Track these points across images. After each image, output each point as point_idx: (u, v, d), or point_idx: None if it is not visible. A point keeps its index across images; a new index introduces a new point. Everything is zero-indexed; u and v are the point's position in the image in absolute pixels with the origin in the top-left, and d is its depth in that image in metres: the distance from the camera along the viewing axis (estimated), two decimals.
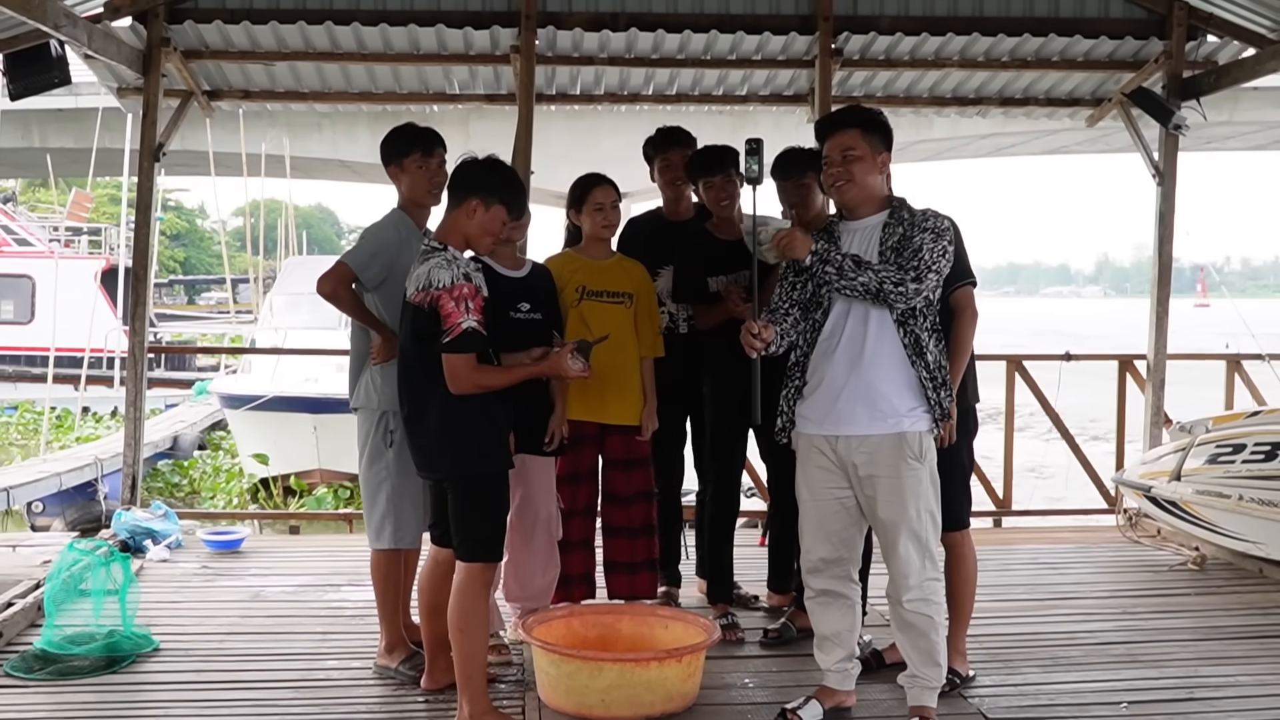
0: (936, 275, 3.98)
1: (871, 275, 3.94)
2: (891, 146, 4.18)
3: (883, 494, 4.04)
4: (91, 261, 23.15)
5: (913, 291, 3.94)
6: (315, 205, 75.25)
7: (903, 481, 4.01)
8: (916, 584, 4.04)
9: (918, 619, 4.07)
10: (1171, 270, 7.82)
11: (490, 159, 4.20)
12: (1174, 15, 7.33)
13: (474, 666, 4.11)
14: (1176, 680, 4.68)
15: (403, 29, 7.06)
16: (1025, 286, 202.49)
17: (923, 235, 4.00)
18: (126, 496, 7.09)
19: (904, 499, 4.01)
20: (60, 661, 4.70)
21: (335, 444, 13.75)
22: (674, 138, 5.47)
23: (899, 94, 8.14)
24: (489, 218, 4.09)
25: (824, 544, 4.20)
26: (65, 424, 18.47)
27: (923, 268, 3.94)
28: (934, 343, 4.06)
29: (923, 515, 4.03)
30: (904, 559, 4.03)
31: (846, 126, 4.15)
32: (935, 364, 4.05)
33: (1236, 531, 6.30)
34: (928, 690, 4.13)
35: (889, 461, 4.01)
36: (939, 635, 4.09)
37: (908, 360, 4.01)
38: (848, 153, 4.10)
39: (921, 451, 4.02)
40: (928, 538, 4.05)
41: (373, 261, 4.57)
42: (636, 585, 5.19)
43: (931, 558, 4.07)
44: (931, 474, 4.06)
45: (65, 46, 6.46)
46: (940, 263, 3.98)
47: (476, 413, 4.03)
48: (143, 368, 7.22)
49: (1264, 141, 24.96)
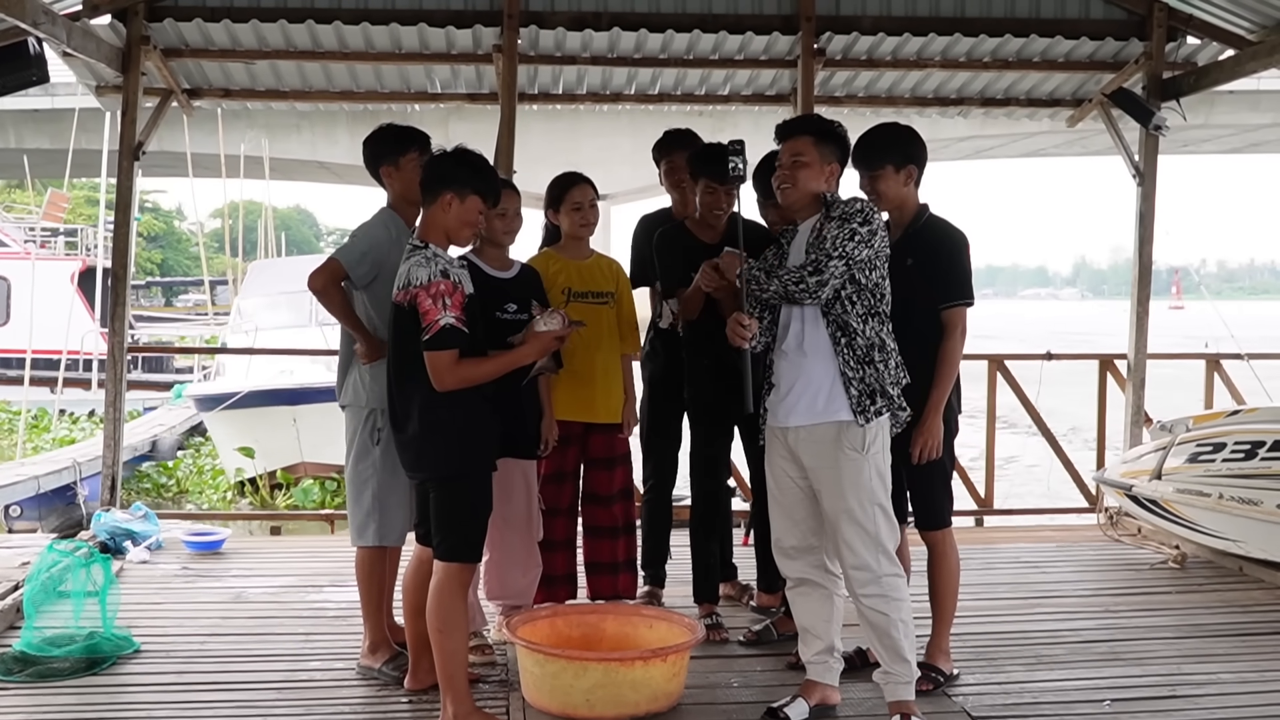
0: (841, 260, 4.00)
1: (777, 282, 4.04)
2: (845, 160, 4.26)
3: (824, 485, 4.11)
4: (68, 263, 22.97)
5: (814, 285, 3.99)
6: (294, 207, 75.06)
7: (841, 472, 4.05)
8: (872, 579, 4.06)
9: (875, 616, 4.09)
10: (1151, 271, 7.87)
11: (458, 150, 4.18)
12: (1154, 16, 7.37)
13: (455, 666, 4.10)
14: (1159, 678, 4.71)
15: (385, 28, 7.04)
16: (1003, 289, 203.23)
17: (828, 225, 4.06)
18: (106, 498, 7.05)
19: (843, 489, 4.05)
20: (40, 663, 4.66)
21: (317, 435, 13.60)
22: (679, 140, 5.48)
23: (881, 94, 8.16)
24: (465, 209, 4.08)
25: (792, 531, 4.27)
26: (42, 424, 18.33)
27: (822, 258, 4.00)
28: (870, 328, 4.08)
29: (866, 506, 4.04)
30: (850, 550, 4.07)
31: (800, 133, 4.23)
32: (866, 348, 4.05)
33: (1217, 530, 6.33)
34: (901, 685, 4.14)
35: (829, 452, 4.08)
36: (900, 632, 4.08)
37: (834, 351, 4.07)
38: (796, 158, 4.18)
39: (863, 443, 4.03)
40: (877, 531, 4.05)
41: (364, 259, 4.54)
42: (619, 585, 5.21)
43: (885, 552, 4.07)
44: (877, 466, 4.07)
45: (43, 44, 6.40)
46: (846, 246, 4.00)
47: (460, 414, 4.02)
48: (122, 369, 7.19)
49: (1239, 145, 25.20)
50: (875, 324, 4.10)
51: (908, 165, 4.46)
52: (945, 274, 4.44)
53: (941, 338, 4.43)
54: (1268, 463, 6.07)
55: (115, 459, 7.11)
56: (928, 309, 4.41)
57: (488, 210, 4.24)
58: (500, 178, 4.45)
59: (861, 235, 4.02)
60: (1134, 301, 7.83)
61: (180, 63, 7.38)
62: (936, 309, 4.43)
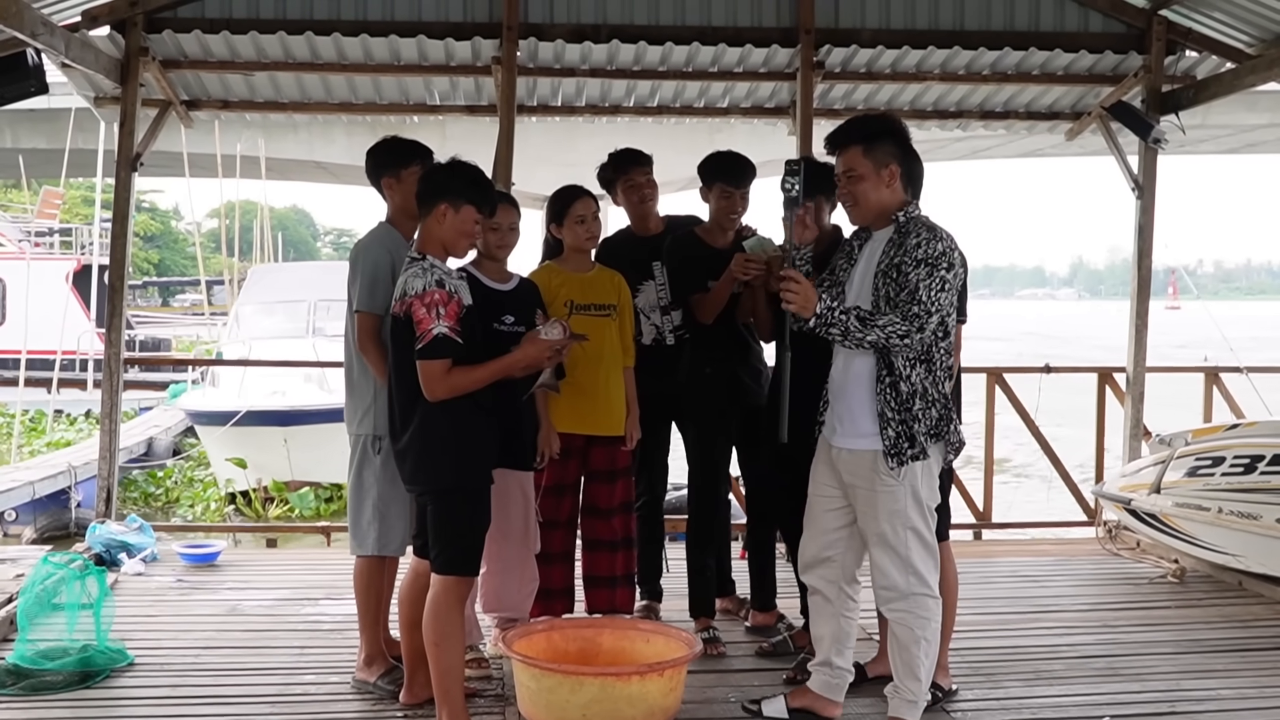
0: (939, 316, 3.94)
1: (878, 333, 3.92)
2: (904, 149, 4.11)
3: (860, 505, 4.14)
4: (63, 262, 22.96)
5: (917, 342, 3.94)
6: (291, 207, 74.98)
7: (876, 496, 4.06)
8: (899, 597, 4.08)
9: (900, 630, 4.11)
10: (1150, 284, 7.87)
11: (451, 161, 4.18)
12: (1153, 30, 7.38)
13: (451, 680, 4.09)
14: (1158, 694, 4.70)
15: (383, 40, 7.03)
16: (1001, 289, 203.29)
17: (917, 271, 3.94)
18: (101, 509, 7.03)
19: (877, 513, 4.07)
20: (33, 676, 4.64)
21: (307, 455, 13.64)
22: (635, 158, 5.44)
23: (880, 107, 8.13)
24: (460, 219, 4.08)
25: (815, 540, 4.29)
26: (39, 427, 18.30)
27: (923, 314, 3.91)
28: (916, 374, 4.01)
29: (900, 531, 4.05)
30: (880, 571, 4.10)
31: (849, 145, 4.12)
32: (909, 394, 3.99)
33: (1216, 544, 6.32)
34: (907, 704, 4.15)
35: (865, 475, 4.08)
36: (922, 650, 4.09)
37: (876, 386, 4.03)
38: (850, 173, 4.10)
39: (902, 473, 4.02)
40: (908, 554, 4.06)
41: (375, 290, 4.47)
42: (616, 600, 5.18)
43: (917, 574, 4.07)
44: (914, 493, 4.05)
45: (42, 55, 6.39)
46: (940, 298, 3.92)
47: (457, 426, 4.01)
48: (119, 379, 7.16)
49: (1236, 145, 25.15)
50: (922, 370, 4.01)
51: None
52: None
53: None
54: (1267, 477, 6.06)
55: (111, 469, 7.09)
56: None
57: (485, 223, 4.24)
58: (497, 190, 4.44)
59: (950, 283, 3.96)
60: (1132, 315, 7.83)
61: (179, 74, 7.37)
62: None
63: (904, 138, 4.14)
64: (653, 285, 5.36)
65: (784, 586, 5.53)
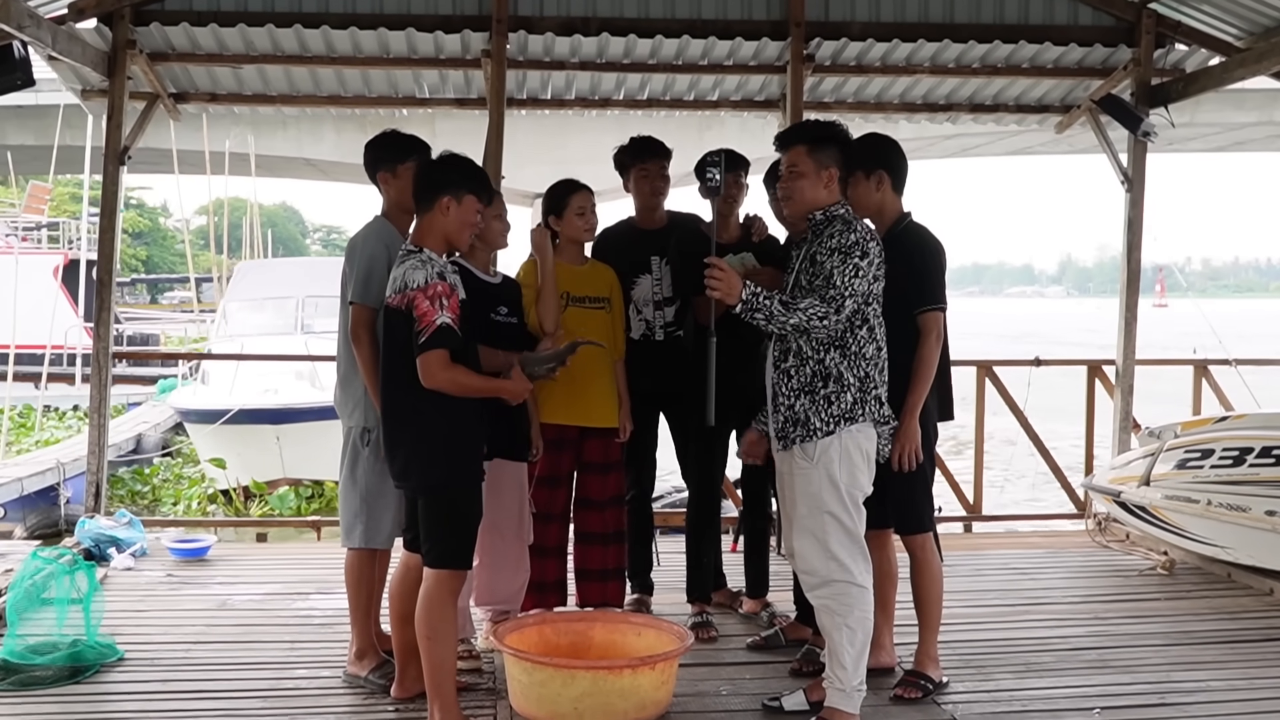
0: (854, 299, 4.04)
1: (800, 316, 4.00)
2: (848, 160, 4.26)
3: (783, 490, 4.25)
4: (51, 256, 22.88)
5: (834, 324, 4.03)
6: (280, 204, 74.92)
7: (793, 479, 4.16)
8: (820, 583, 4.13)
9: (824, 616, 4.16)
10: (1140, 277, 7.88)
11: (445, 155, 4.23)
12: (1142, 23, 7.39)
13: (443, 674, 4.09)
14: (1148, 685, 4.72)
15: (372, 32, 7.00)
16: (989, 286, 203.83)
17: (831, 259, 4.06)
18: (90, 504, 7.00)
19: (794, 496, 4.16)
20: (22, 672, 4.62)
21: (299, 452, 13.60)
22: (652, 149, 5.46)
23: (870, 100, 8.16)
24: (463, 210, 4.11)
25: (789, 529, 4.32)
26: (27, 423, 18.24)
27: (838, 297, 4.02)
28: (830, 358, 4.08)
29: (816, 514, 4.10)
30: (800, 556, 4.18)
31: (793, 143, 4.27)
32: (810, 377, 4.08)
33: (1205, 536, 6.35)
34: (839, 693, 4.14)
35: (785, 459, 4.19)
36: (845, 638, 4.10)
37: (774, 372, 4.16)
38: (793, 168, 4.23)
39: (814, 455, 4.07)
40: (826, 539, 4.09)
41: (370, 282, 4.45)
42: (608, 593, 5.22)
43: (837, 560, 4.09)
44: (830, 477, 4.07)
45: (29, 48, 6.34)
46: (854, 284, 4.03)
47: (449, 424, 4.01)
48: (107, 375, 7.13)
49: (1224, 143, 25.24)
50: (837, 355, 4.09)
51: (877, 170, 4.52)
52: (919, 279, 4.47)
53: (917, 341, 4.45)
54: (1256, 469, 6.08)
55: (100, 465, 7.06)
56: (904, 314, 4.42)
57: (486, 212, 4.26)
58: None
59: (864, 270, 4.05)
60: (1122, 308, 7.85)
61: (166, 67, 7.33)
62: (912, 314, 4.45)
63: (848, 147, 4.30)
64: (649, 279, 5.37)
65: (777, 579, 5.56)
